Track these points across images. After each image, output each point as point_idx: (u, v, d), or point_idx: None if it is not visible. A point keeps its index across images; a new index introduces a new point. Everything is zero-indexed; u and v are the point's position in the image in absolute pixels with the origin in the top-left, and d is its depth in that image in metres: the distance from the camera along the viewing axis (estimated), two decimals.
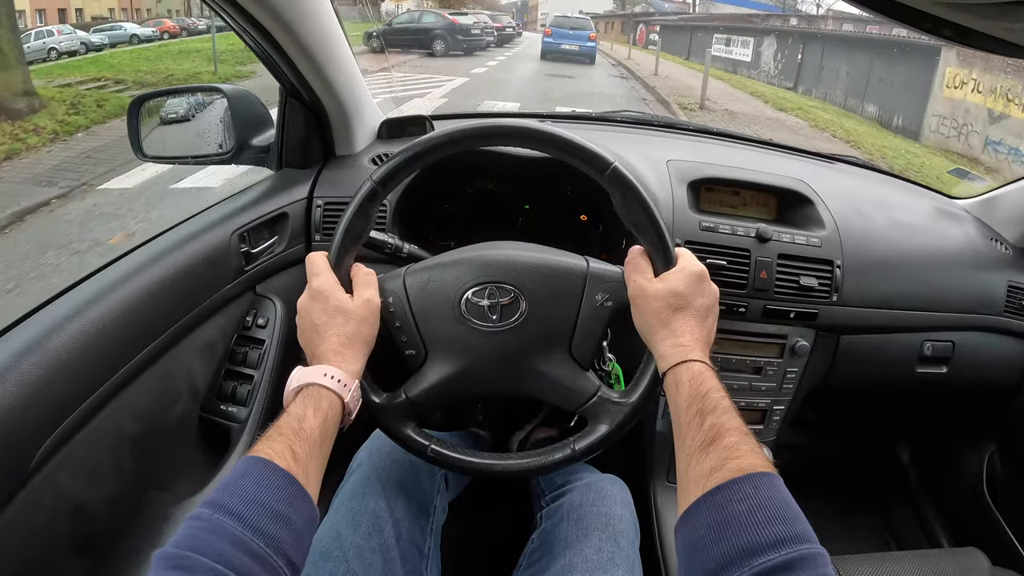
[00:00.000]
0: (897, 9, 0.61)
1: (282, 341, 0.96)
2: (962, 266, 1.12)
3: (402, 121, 1.14)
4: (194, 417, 0.90)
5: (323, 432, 0.58)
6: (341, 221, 0.71)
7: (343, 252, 0.70)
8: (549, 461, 0.72)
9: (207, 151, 1.08)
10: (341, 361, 0.64)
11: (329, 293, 0.67)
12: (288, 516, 0.50)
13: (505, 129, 0.73)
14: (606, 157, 0.71)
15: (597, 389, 0.73)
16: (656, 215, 0.71)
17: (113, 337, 0.73)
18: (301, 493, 0.53)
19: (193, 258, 0.86)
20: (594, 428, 0.73)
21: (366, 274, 0.72)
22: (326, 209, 1.03)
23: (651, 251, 0.72)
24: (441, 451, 0.72)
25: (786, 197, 1.07)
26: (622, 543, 0.79)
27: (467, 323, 0.71)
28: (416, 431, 0.73)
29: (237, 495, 0.49)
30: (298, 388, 0.61)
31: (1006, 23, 0.59)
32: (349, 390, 0.62)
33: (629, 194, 0.71)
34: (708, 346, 0.66)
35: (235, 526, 0.47)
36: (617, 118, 1.35)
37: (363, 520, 0.75)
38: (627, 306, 0.72)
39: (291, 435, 0.55)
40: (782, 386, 1.04)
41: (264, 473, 0.52)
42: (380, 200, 0.73)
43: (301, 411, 0.58)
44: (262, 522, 0.48)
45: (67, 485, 0.67)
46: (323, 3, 0.91)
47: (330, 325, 0.66)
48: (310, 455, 0.55)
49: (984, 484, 1.27)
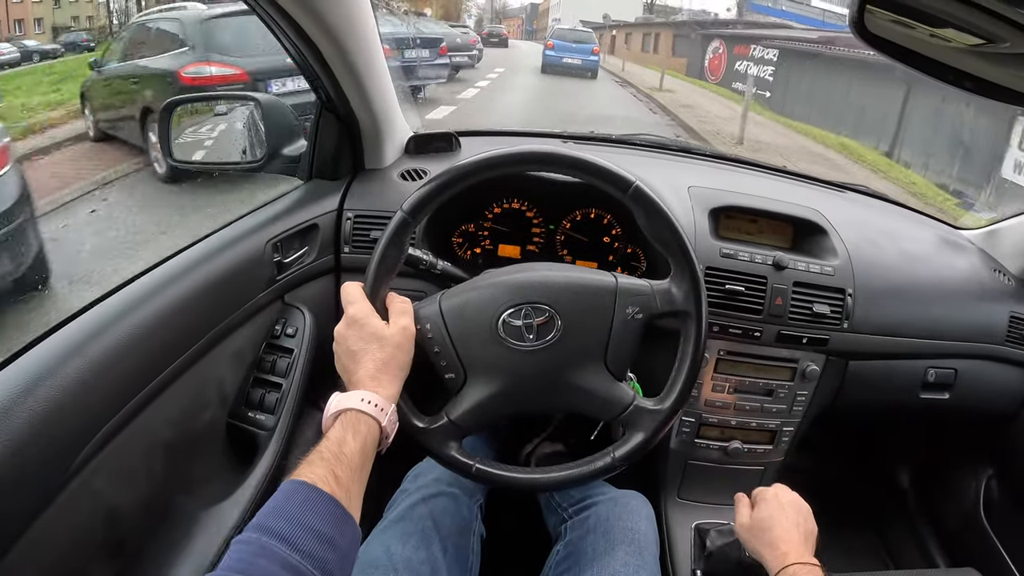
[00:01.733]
0: (924, 63, 0.64)
1: (310, 351, 0.97)
2: (966, 296, 1.16)
3: (430, 137, 1.17)
4: (222, 424, 0.91)
5: (363, 456, 0.60)
6: (375, 252, 0.73)
7: (378, 282, 0.73)
8: (591, 470, 0.75)
9: (237, 158, 1.10)
10: (377, 386, 0.65)
11: (365, 320, 0.69)
12: (333, 538, 0.52)
13: (529, 156, 0.76)
14: (628, 177, 0.74)
15: (632, 399, 0.76)
16: (679, 230, 0.75)
17: (151, 343, 0.74)
18: (345, 516, 0.54)
19: (229, 266, 0.88)
20: (632, 436, 0.76)
21: (401, 302, 0.74)
22: (356, 222, 1.05)
23: (675, 265, 0.76)
24: (485, 469, 0.75)
25: (802, 226, 1.11)
26: (646, 557, 0.83)
27: (505, 344, 0.73)
28: (460, 451, 0.75)
29: (283, 518, 0.51)
30: (336, 413, 0.63)
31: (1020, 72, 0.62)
32: (386, 414, 0.64)
33: (652, 211, 0.75)
34: (806, 546, 0.74)
35: (283, 548, 0.49)
36: (636, 141, 1.38)
37: (412, 538, 0.78)
38: (656, 316, 0.76)
39: (332, 459, 0.57)
40: (792, 408, 1.07)
41: (309, 496, 0.53)
42: (412, 229, 0.75)
43: (341, 435, 0.60)
44: (309, 544, 0.50)
45: (102, 489, 0.68)
46: (368, 19, 0.94)
47: (367, 351, 0.67)
48: (351, 479, 0.57)
49: (981, 507, 1.30)
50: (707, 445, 1.07)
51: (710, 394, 1.05)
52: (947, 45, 0.61)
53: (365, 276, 0.73)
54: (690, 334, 0.77)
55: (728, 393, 1.05)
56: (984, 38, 0.57)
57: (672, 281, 0.77)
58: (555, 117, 8.74)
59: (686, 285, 0.76)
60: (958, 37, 0.58)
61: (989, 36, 0.57)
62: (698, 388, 1.04)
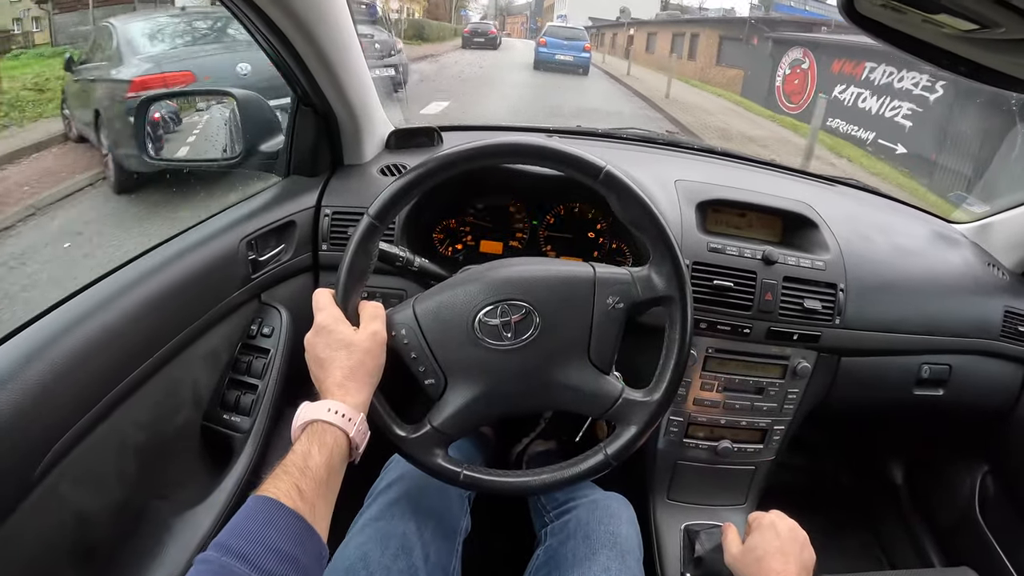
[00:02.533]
0: (917, 46, 0.62)
1: (287, 351, 0.95)
2: (961, 291, 1.14)
3: (411, 132, 1.14)
4: (197, 427, 0.89)
5: (329, 469, 0.59)
6: (343, 260, 0.71)
7: (348, 291, 0.71)
8: (584, 469, 0.73)
9: (214, 155, 1.08)
10: (344, 394, 0.64)
11: (333, 327, 0.67)
12: (295, 555, 0.51)
13: (494, 149, 0.73)
14: (597, 162, 0.72)
15: (621, 391, 0.74)
16: (656, 213, 0.72)
17: (119, 345, 0.72)
18: (308, 531, 0.53)
19: (202, 265, 0.85)
20: (624, 431, 0.73)
21: (374, 307, 0.72)
22: (334, 218, 1.02)
23: (652, 248, 0.73)
24: (473, 475, 0.72)
25: (792, 220, 1.09)
26: (629, 561, 0.80)
27: (483, 344, 0.71)
28: (446, 459, 0.73)
29: (244, 536, 0.50)
30: (303, 424, 0.61)
31: (1017, 58, 0.60)
32: (354, 424, 0.62)
33: (625, 195, 0.72)
34: (804, 573, 0.72)
35: (243, 568, 0.48)
36: (623, 135, 1.36)
37: (392, 542, 0.75)
38: (638, 305, 0.74)
39: (297, 473, 0.56)
40: (783, 406, 1.05)
41: (271, 513, 0.53)
42: (380, 234, 0.73)
43: (306, 448, 0.59)
44: (269, 563, 0.49)
45: (70, 494, 0.66)
46: (343, 12, 0.92)
47: (334, 359, 0.66)
48: (317, 492, 0.56)
49: (976, 504, 1.28)
50: (696, 445, 1.05)
51: (699, 392, 1.02)
52: (938, 30, 0.59)
53: (335, 283, 0.71)
54: (675, 320, 0.74)
55: (717, 392, 1.03)
56: (978, 23, 0.55)
57: (652, 266, 0.74)
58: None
59: (667, 269, 0.73)
60: (951, 22, 0.56)
61: (984, 21, 0.55)
62: (686, 387, 1.02)
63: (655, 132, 1.41)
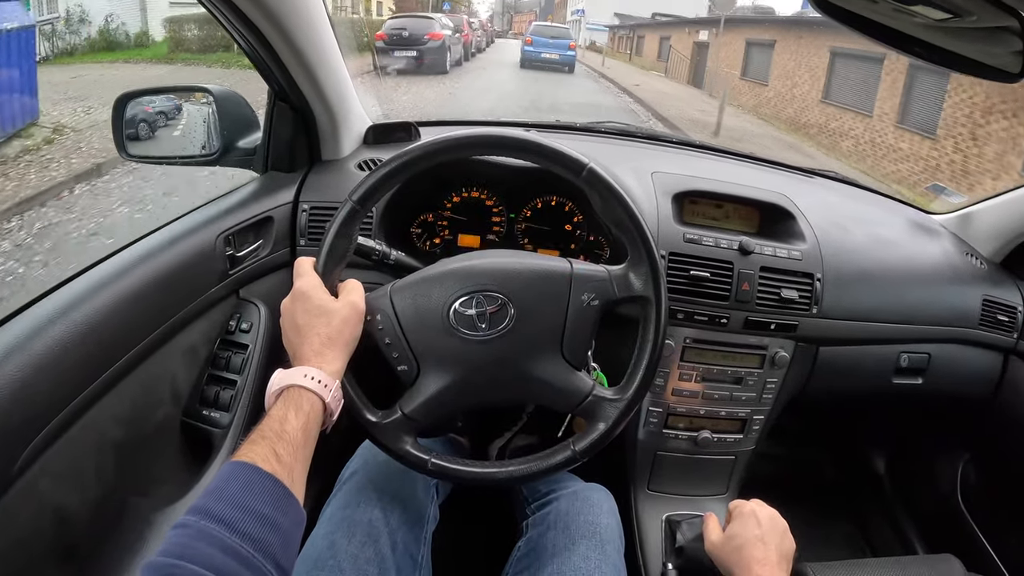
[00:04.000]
0: (889, 35, 0.62)
1: (266, 346, 0.95)
2: (939, 280, 1.15)
3: (389, 127, 1.14)
4: (176, 422, 0.89)
5: (305, 433, 0.58)
6: (323, 242, 0.71)
7: (327, 272, 0.71)
8: (551, 463, 0.73)
9: (192, 151, 1.07)
10: (321, 361, 0.64)
11: (312, 294, 0.67)
12: (275, 519, 0.51)
13: (480, 139, 0.74)
14: (581, 159, 0.72)
15: (591, 388, 0.74)
16: (636, 213, 0.73)
17: (97, 340, 0.72)
18: (287, 495, 0.53)
19: (178, 261, 0.85)
20: (593, 427, 0.74)
21: (353, 282, 0.72)
22: (311, 214, 1.02)
23: (631, 248, 0.74)
24: (442, 464, 0.72)
25: (768, 211, 1.09)
26: (608, 550, 0.80)
27: (457, 334, 0.71)
28: (415, 446, 0.73)
29: (223, 500, 0.50)
30: (279, 390, 0.61)
31: (988, 47, 0.61)
32: (330, 390, 0.62)
33: (607, 194, 0.73)
34: (782, 567, 0.72)
35: (223, 532, 0.47)
36: (602, 128, 1.36)
37: (358, 530, 0.75)
38: (614, 303, 0.74)
39: (274, 438, 0.56)
40: (762, 396, 1.06)
41: (249, 477, 0.52)
42: (361, 218, 0.74)
43: (282, 413, 0.58)
44: (249, 526, 0.48)
45: (49, 491, 0.66)
46: (318, 8, 0.91)
47: (312, 326, 0.66)
48: (294, 457, 0.56)
49: (959, 492, 1.29)
50: (676, 435, 1.06)
51: (677, 383, 1.03)
52: (909, 19, 0.60)
53: (315, 265, 0.71)
54: (650, 320, 0.75)
55: (695, 382, 1.03)
56: (951, 12, 0.56)
57: (629, 266, 0.75)
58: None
59: (644, 270, 0.74)
60: (924, 11, 0.57)
61: (956, 10, 0.56)
62: (664, 377, 1.02)
63: (634, 126, 1.42)
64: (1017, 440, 1.16)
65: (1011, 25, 0.56)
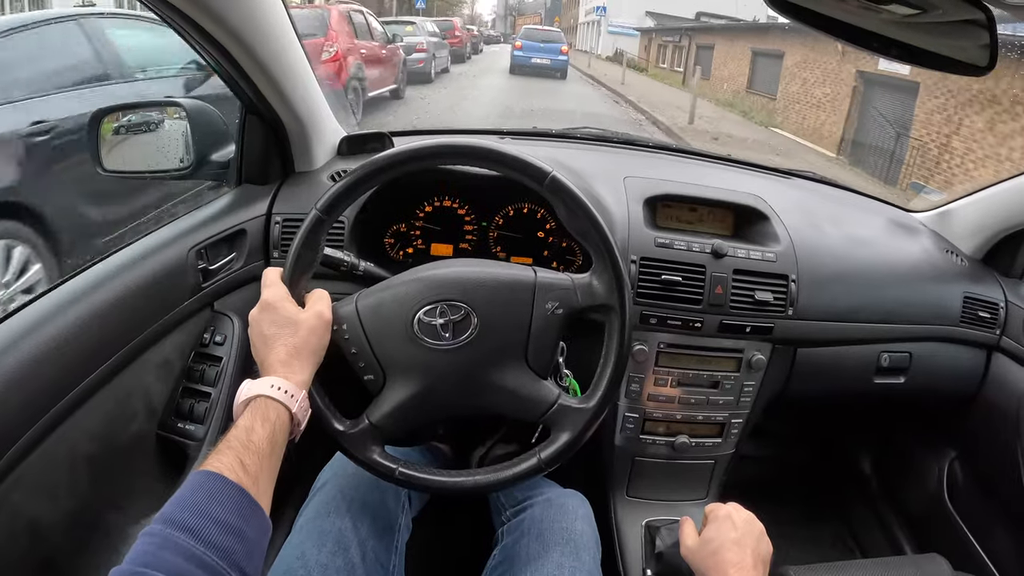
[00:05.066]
0: (845, 30, 0.62)
1: (240, 358, 0.96)
2: (918, 278, 1.14)
3: (362, 137, 1.15)
4: (151, 436, 0.90)
5: (272, 443, 0.59)
6: (290, 252, 0.72)
7: (295, 278, 0.72)
8: (516, 472, 0.74)
9: (167, 166, 1.08)
10: (288, 372, 0.64)
11: (278, 304, 0.68)
12: (240, 528, 0.51)
13: (442, 148, 0.74)
14: (543, 167, 0.72)
15: (557, 397, 0.74)
16: (599, 221, 0.73)
17: (68, 356, 0.72)
18: (252, 504, 0.54)
19: (149, 275, 0.86)
20: (557, 436, 0.74)
21: (320, 292, 0.73)
22: (284, 226, 1.03)
23: (595, 256, 0.74)
24: (409, 473, 0.73)
25: (742, 213, 1.09)
26: (584, 557, 0.80)
27: (421, 343, 0.72)
28: (382, 455, 0.73)
29: (188, 509, 0.50)
30: (246, 400, 0.62)
31: (956, 41, 0.61)
32: (296, 400, 0.63)
33: (571, 203, 0.73)
34: (758, 571, 0.71)
35: (188, 540, 0.48)
36: (577, 134, 1.36)
37: (328, 539, 0.76)
38: (578, 311, 0.74)
39: (240, 448, 0.56)
40: (740, 399, 1.05)
41: (215, 487, 0.52)
42: (327, 228, 0.74)
43: (249, 423, 0.59)
44: (214, 535, 0.49)
45: (23, 506, 0.67)
46: (280, 18, 0.92)
47: (278, 336, 0.67)
48: (260, 467, 0.56)
49: (945, 491, 1.28)
50: (653, 441, 1.06)
51: (653, 388, 1.03)
52: (875, 16, 0.60)
53: (282, 276, 0.72)
54: (614, 329, 0.75)
55: (671, 387, 1.03)
56: (918, 7, 0.56)
57: (593, 274, 0.75)
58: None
59: (607, 277, 0.73)
60: (892, 8, 0.57)
61: (923, 5, 0.56)
62: (640, 383, 1.02)
63: (608, 131, 1.42)
64: (1002, 435, 1.15)
65: (978, 18, 0.56)
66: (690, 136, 8.06)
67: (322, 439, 0.73)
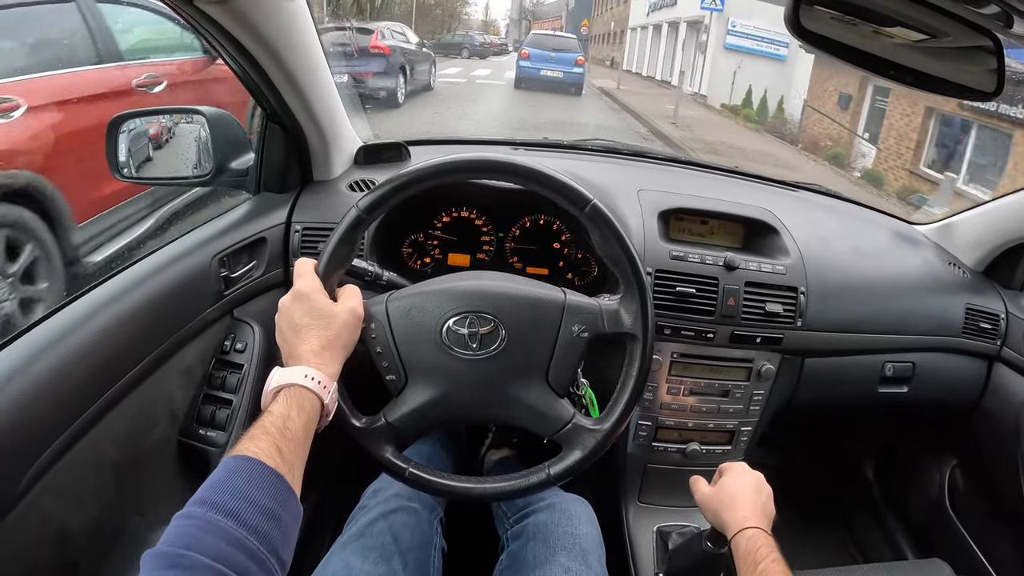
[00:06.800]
0: (865, 59, 0.65)
1: (260, 365, 0.96)
2: (922, 290, 1.17)
3: (379, 147, 1.16)
4: (173, 442, 0.90)
5: (306, 432, 0.60)
6: (326, 247, 0.73)
7: (328, 271, 0.72)
8: (525, 485, 0.75)
9: (185, 173, 1.08)
10: (320, 363, 0.65)
11: (312, 295, 0.68)
12: (278, 514, 0.51)
13: (490, 164, 0.75)
14: (586, 194, 0.74)
15: (572, 416, 0.76)
16: (632, 252, 0.74)
17: (94, 363, 0.73)
18: (289, 491, 0.54)
19: (174, 283, 0.87)
20: (569, 454, 0.75)
21: (352, 288, 0.74)
22: (304, 234, 1.04)
23: (624, 285, 0.75)
24: (419, 474, 0.74)
25: (753, 226, 1.11)
26: (590, 560, 0.82)
27: (447, 351, 0.73)
28: (395, 455, 0.75)
29: (228, 492, 0.49)
30: (278, 388, 0.62)
31: (964, 66, 0.63)
32: (328, 392, 0.64)
33: (608, 231, 0.74)
34: (765, 517, 0.75)
35: (230, 524, 0.47)
36: (588, 146, 1.38)
37: (371, 553, 0.78)
38: (602, 336, 0.76)
39: (276, 434, 0.56)
40: (749, 408, 1.08)
41: (254, 471, 0.52)
42: (365, 228, 0.75)
43: (285, 411, 0.59)
44: (255, 520, 0.49)
45: (51, 511, 0.68)
46: (309, 31, 0.93)
47: (312, 327, 0.67)
48: (295, 454, 0.57)
49: (947, 497, 1.31)
50: (665, 448, 1.08)
51: (665, 397, 1.05)
52: (889, 41, 0.62)
53: (318, 260, 0.73)
54: (635, 356, 0.76)
55: (684, 395, 1.05)
56: (928, 33, 0.58)
57: (621, 302, 0.76)
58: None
59: (634, 308, 0.75)
60: (902, 33, 0.59)
61: (933, 31, 0.58)
62: (653, 391, 1.04)
63: (620, 143, 1.43)
64: (1003, 444, 1.18)
65: (985, 44, 0.58)
66: None
67: (332, 435, 0.74)
